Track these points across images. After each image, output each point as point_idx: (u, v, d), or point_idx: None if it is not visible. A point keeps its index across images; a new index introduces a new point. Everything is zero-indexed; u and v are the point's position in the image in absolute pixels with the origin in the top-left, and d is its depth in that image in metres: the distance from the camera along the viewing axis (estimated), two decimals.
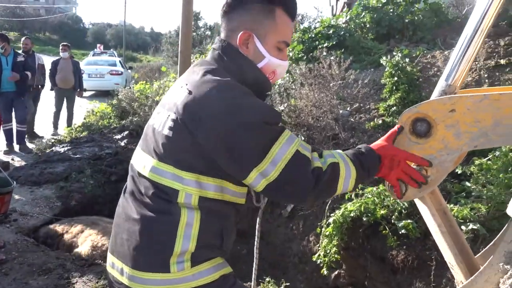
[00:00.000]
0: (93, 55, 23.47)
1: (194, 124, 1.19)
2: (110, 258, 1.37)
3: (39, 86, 8.30)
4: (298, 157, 1.21)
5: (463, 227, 2.97)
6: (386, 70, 4.64)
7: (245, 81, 1.32)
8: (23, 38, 8.40)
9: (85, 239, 3.85)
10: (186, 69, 6.11)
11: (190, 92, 1.23)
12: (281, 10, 1.36)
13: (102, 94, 14.73)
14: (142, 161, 1.33)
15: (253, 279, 1.76)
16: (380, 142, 1.35)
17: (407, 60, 4.63)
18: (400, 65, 4.51)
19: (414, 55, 5.11)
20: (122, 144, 6.41)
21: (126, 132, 6.76)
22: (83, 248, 3.74)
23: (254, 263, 1.74)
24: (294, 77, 4.74)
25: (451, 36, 5.45)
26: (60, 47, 9.08)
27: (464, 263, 1.40)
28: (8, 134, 7.13)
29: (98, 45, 29.59)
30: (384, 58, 4.60)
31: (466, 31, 1.30)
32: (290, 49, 5.87)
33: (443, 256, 1.48)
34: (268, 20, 1.34)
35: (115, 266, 1.34)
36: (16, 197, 4.71)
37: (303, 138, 4.17)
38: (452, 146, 1.22)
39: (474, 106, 1.17)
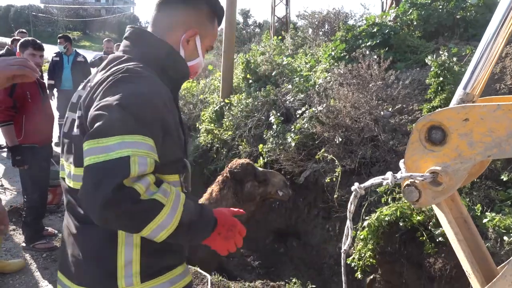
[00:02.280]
0: None
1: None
2: (59, 275, 1.32)
3: None
4: (121, 163, 1.06)
5: (505, 238, 2.82)
6: (431, 69, 4.46)
7: (167, 72, 1.36)
8: (105, 40, 8.76)
9: None
10: (229, 68, 6.25)
11: (91, 88, 1.26)
12: (217, 19, 1.51)
13: None
14: (66, 172, 1.31)
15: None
16: (223, 210, 1.34)
17: (454, 59, 4.41)
18: (447, 64, 4.31)
19: (463, 53, 4.86)
20: None
21: None
22: None
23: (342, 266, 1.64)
24: (334, 77, 4.68)
25: None
26: (115, 47, 9.53)
27: (482, 272, 1.37)
28: (61, 128, 7.66)
29: None
30: (429, 57, 4.41)
31: (485, 37, 1.25)
32: (332, 48, 5.80)
33: (461, 263, 1.45)
34: (211, 25, 1.48)
35: (61, 283, 1.29)
36: None
37: (340, 140, 4.13)
38: (465, 155, 1.21)
39: (488, 116, 1.15)
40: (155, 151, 1.14)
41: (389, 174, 1.33)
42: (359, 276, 3.66)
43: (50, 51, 8.51)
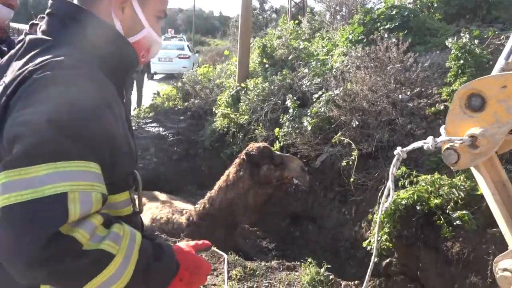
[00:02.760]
0: (164, 40, 24.51)
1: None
2: None
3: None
4: (55, 204, 0.80)
5: None
6: (452, 52, 4.37)
7: (108, 62, 1.04)
8: None
9: (146, 211, 4.15)
10: (245, 52, 6.24)
11: (4, 87, 0.94)
12: None
13: (170, 77, 15.40)
14: None
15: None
16: (185, 248, 1.09)
17: (476, 41, 4.31)
18: (468, 47, 4.21)
19: (485, 36, 4.74)
20: (184, 125, 6.72)
21: (188, 113, 7.07)
22: (144, 220, 4.03)
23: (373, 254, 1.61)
24: (351, 60, 4.63)
25: None
26: None
27: None
28: None
29: (169, 30, 30.76)
30: (450, 39, 4.32)
31: None
32: (350, 31, 5.72)
33: (497, 222, 1.50)
34: None
35: None
36: None
37: (356, 123, 4.10)
38: (503, 119, 1.30)
39: None
40: (101, 179, 0.89)
41: (430, 138, 1.39)
42: (376, 259, 3.66)
43: None
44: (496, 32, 4.64)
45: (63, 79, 0.90)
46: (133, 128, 6.80)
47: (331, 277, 2.80)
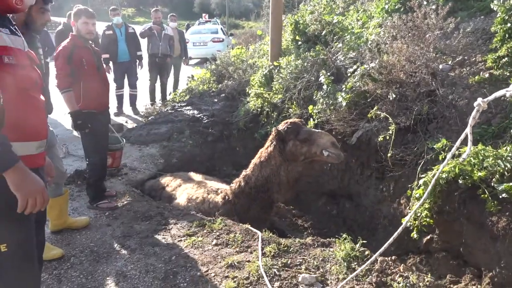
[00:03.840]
0: (198, 25, 24.60)
1: None
2: None
3: (166, 56, 8.36)
4: None
5: None
6: (497, 16, 4.05)
7: None
8: (153, 11, 8.79)
9: (182, 192, 4.22)
10: (277, 30, 6.11)
11: None
12: None
13: (204, 62, 15.48)
14: None
15: None
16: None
17: None
18: None
19: None
20: (218, 107, 6.74)
21: (222, 95, 7.08)
22: (181, 200, 4.11)
23: None
24: (387, 31, 4.41)
25: None
26: (169, 18, 9.58)
27: None
28: (119, 98, 8.02)
29: (203, 14, 30.82)
30: (495, 1, 4.01)
31: None
32: (386, 1, 5.44)
33: None
34: None
35: None
36: (127, 154, 5.32)
37: (393, 96, 3.93)
38: None
39: None
40: None
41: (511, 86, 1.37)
42: (415, 236, 3.53)
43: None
44: None
45: None
46: (170, 111, 6.90)
47: (366, 252, 2.72)
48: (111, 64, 7.82)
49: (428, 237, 3.67)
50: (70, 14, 7.10)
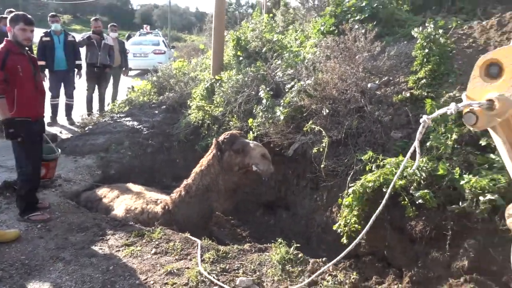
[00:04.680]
0: (139, 35, 24.20)
1: None
2: None
3: (105, 66, 8.23)
4: None
5: (481, 198, 2.95)
6: (417, 42, 4.53)
7: None
8: (92, 19, 8.53)
9: (120, 203, 4.16)
10: (219, 45, 6.28)
11: None
12: None
13: (144, 73, 15.26)
14: None
15: None
16: None
17: (440, 31, 4.48)
18: (432, 36, 4.38)
19: (449, 26, 4.92)
20: (159, 118, 6.72)
21: (163, 107, 7.07)
22: (118, 211, 4.06)
23: None
24: (321, 50, 4.74)
25: (492, 6, 5.18)
26: (109, 28, 9.38)
27: None
28: (53, 108, 7.71)
29: (144, 26, 30.35)
30: (415, 29, 4.48)
31: None
32: (322, 23, 5.83)
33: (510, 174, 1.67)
34: None
35: None
36: (62, 165, 5.13)
37: (327, 111, 4.22)
38: None
39: None
40: None
41: (452, 104, 1.54)
42: (345, 241, 3.78)
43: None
44: (459, 22, 4.83)
45: None
46: (108, 122, 6.75)
47: (300, 255, 2.89)
48: (46, 71, 7.50)
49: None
50: (2, 19, 6.77)
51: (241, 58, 6.69)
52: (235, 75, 5.91)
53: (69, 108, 7.87)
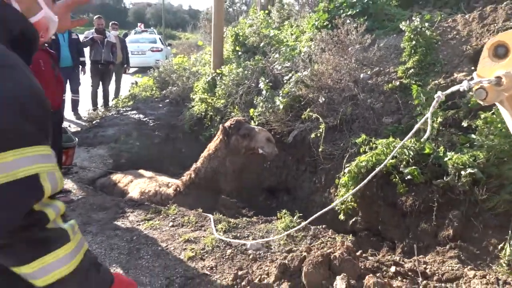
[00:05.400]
0: (135, 34, 24.40)
1: None
2: None
3: (108, 63, 8.51)
4: (30, 184, 0.91)
5: (462, 172, 3.30)
6: (406, 35, 4.88)
7: (11, 37, 1.06)
8: (95, 18, 8.76)
9: (134, 187, 4.50)
10: (219, 41, 6.61)
11: None
12: None
13: (142, 71, 15.54)
14: None
15: None
16: (124, 278, 1.26)
17: (426, 24, 4.84)
18: (419, 29, 4.74)
19: (435, 20, 5.29)
20: (163, 111, 7.05)
21: (167, 101, 7.40)
22: (133, 194, 4.40)
23: None
24: (316, 44, 5.09)
25: (475, 0, 5.56)
26: (110, 26, 9.65)
27: None
28: None
29: (139, 24, 30.50)
30: (403, 23, 4.84)
31: None
32: (316, 18, 6.18)
33: None
34: None
35: None
36: (76, 155, 5.45)
37: (323, 100, 4.57)
38: None
39: None
40: (55, 160, 1.02)
41: (465, 82, 1.72)
42: (342, 217, 4.13)
43: None
44: (442, 16, 5.19)
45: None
46: (115, 116, 7.05)
47: (303, 223, 3.24)
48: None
49: (354, 219, 4.30)
50: None
51: (240, 53, 7.03)
52: (235, 68, 6.25)
53: (75, 103, 8.19)
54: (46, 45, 4.13)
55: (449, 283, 2.28)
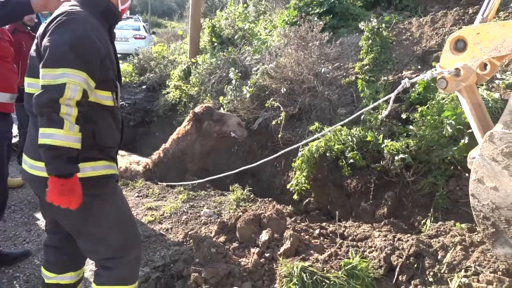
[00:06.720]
0: None
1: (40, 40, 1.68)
2: (23, 156, 1.82)
3: None
4: (60, 88, 1.53)
5: (396, 157, 3.76)
6: (364, 34, 5.32)
7: (105, 16, 1.81)
8: None
9: None
10: (196, 31, 6.96)
11: (47, 23, 1.71)
12: None
13: (124, 57, 15.69)
14: (27, 84, 1.78)
15: None
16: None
17: (383, 25, 5.28)
18: (376, 29, 5.18)
19: (393, 21, 5.74)
20: (140, 96, 7.37)
21: (144, 87, 7.71)
22: None
23: None
24: (282, 38, 5.50)
25: (431, 5, 6.02)
26: None
27: (483, 130, 2.09)
28: None
29: None
30: (362, 23, 5.26)
31: None
32: (287, 15, 6.58)
33: (473, 130, 2.12)
34: None
35: (24, 161, 1.81)
36: None
37: (285, 90, 4.99)
38: (477, 55, 1.95)
39: (491, 30, 1.89)
40: (87, 82, 1.60)
41: (428, 72, 1.99)
42: (296, 197, 4.55)
43: None
44: (397, 18, 5.65)
45: (73, 20, 1.66)
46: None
47: (251, 195, 3.67)
48: None
49: (307, 200, 4.74)
50: None
51: (215, 43, 7.38)
52: (209, 58, 6.61)
53: None
54: (29, 28, 4.41)
55: (360, 242, 2.73)
